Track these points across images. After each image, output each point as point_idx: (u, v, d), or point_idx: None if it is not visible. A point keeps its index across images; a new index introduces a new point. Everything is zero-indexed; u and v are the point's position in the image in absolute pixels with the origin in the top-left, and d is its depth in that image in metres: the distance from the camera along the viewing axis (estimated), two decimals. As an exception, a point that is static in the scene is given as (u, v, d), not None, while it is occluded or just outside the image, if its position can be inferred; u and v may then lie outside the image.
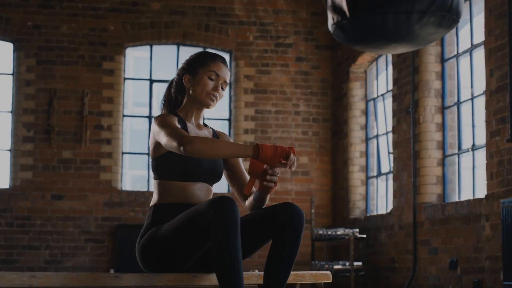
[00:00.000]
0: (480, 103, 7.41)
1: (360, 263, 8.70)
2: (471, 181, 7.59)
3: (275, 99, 10.05)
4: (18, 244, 9.32)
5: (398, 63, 8.60)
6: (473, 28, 7.63)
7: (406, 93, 8.38)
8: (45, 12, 9.64)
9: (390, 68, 9.08)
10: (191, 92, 3.29)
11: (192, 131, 3.28)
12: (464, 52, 7.78)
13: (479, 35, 7.42)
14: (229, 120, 10.12)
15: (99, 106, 9.65)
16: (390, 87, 9.09)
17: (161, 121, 3.13)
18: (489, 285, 6.78)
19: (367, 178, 9.72)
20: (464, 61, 7.88)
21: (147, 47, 10.11)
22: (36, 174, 9.43)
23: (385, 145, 9.30)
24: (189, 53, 4.35)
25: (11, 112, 9.57)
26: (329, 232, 8.90)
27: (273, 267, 3.03)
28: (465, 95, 7.86)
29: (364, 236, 8.82)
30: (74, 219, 9.44)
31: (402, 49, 5.98)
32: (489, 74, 6.91)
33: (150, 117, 10.14)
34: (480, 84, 7.43)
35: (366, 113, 9.80)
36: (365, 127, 9.78)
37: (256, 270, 3.33)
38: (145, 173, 10.32)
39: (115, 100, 9.72)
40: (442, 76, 8.10)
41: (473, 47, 7.59)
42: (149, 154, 3.27)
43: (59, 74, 9.60)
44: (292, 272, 3.22)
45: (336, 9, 5.65)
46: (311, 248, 9.25)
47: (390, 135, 8.99)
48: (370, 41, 5.83)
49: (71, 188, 9.47)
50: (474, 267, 7.05)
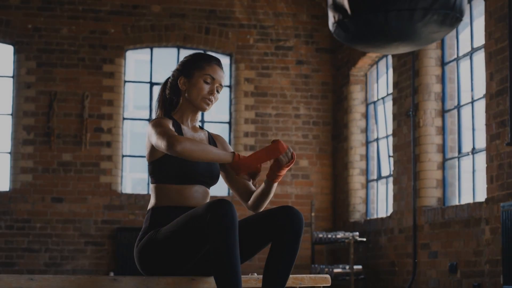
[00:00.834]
0: (480, 107, 7.40)
1: (360, 267, 8.69)
2: (471, 185, 7.59)
3: (275, 102, 10.05)
4: (18, 247, 9.31)
5: (398, 67, 8.59)
6: (473, 32, 7.63)
7: (406, 97, 8.37)
8: (46, 15, 9.64)
9: (390, 72, 9.08)
10: (187, 95, 3.29)
11: (188, 134, 3.28)
12: (464, 56, 7.77)
13: (479, 39, 7.42)
14: (229, 123, 10.12)
15: (99, 109, 9.64)
16: (390, 91, 9.08)
17: (154, 124, 3.14)
18: (489, 289, 6.78)
19: (367, 182, 9.71)
20: (464, 65, 7.88)
21: (148, 50, 10.11)
22: (36, 177, 9.42)
23: (385, 149, 9.29)
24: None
25: (11, 115, 9.57)
26: (329, 236, 8.89)
27: (272, 271, 3.03)
28: (465, 99, 7.85)
29: (364, 240, 8.81)
30: (74, 222, 9.43)
31: (404, 49, 5.91)
32: (489, 78, 6.91)
33: (151, 120, 10.13)
34: (480, 88, 7.42)
35: (366, 117, 9.80)
36: (365, 131, 9.78)
37: (255, 274, 3.32)
38: (145, 176, 10.34)
39: (115, 103, 9.72)
40: (442, 80, 8.09)
41: (473, 51, 7.59)
42: (146, 158, 3.28)
43: (59, 77, 9.59)
44: (291, 276, 3.22)
45: (337, 7, 5.61)
46: (311, 252, 9.24)
47: (390, 139, 8.99)
48: (372, 40, 5.74)
49: (71, 191, 9.47)
50: (474, 271, 7.04)
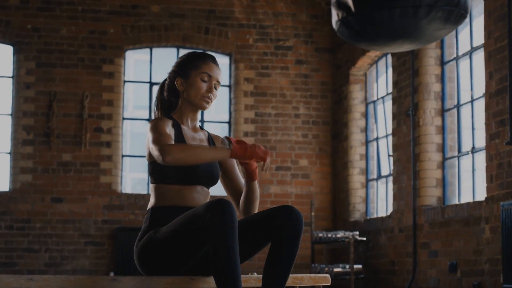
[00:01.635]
0: (480, 106, 7.40)
1: (360, 266, 8.69)
2: (471, 184, 7.59)
3: (275, 102, 10.05)
4: (18, 247, 9.30)
5: (398, 66, 8.59)
6: (473, 31, 7.63)
7: (406, 96, 8.37)
8: (45, 15, 9.64)
9: (390, 71, 9.07)
10: (185, 96, 3.28)
11: (188, 134, 3.27)
12: (464, 55, 7.77)
13: (479, 38, 7.42)
14: (229, 123, 10.11)
15: (99, 109, 9.64)
16: (390, 90, 9.08)
17: (152, 126, 3.14)
18: (489, 288, 6.78)
19: (367, 181, 9.71)
20: (464, 64, 7.88)
21: (147, 50, 10.11)
22: (36, 177, 9.42)
23: (385, 148, 9.29)
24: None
25: (11, 115, 9.56)
26: (329, 235, 8.89)
27: (272, 270, 3.02)
28: (465, 98, 7.85)
29: (364, 239, 8.81)
30: (74, 222, 9.43)
31: (408, 46, 5.88)
32: (489, 77, 6.91)
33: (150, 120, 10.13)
34: (480, 87, 7.42)
35: (366, 116, 9.79)
36: (365, 130, 9.77)
37: (255, 273, 3.32)
38: (145, 176, 10.34)
39: (115, 103, 9.72)
40: (442, 79, 8.09)
41: (473, 50, 7.59)
42: (146, 158, 3.27)
43: (59, 77, 9.59)
44: (291, 275, 3.21)
45: (341, 5, 5.59)
46: (311, 251, 9.24)
47: (390, 138, 8.98)
48: (376, 37, 5.71)
49: (71, 191, 9.46)
50: (474, 270, 7.04)
